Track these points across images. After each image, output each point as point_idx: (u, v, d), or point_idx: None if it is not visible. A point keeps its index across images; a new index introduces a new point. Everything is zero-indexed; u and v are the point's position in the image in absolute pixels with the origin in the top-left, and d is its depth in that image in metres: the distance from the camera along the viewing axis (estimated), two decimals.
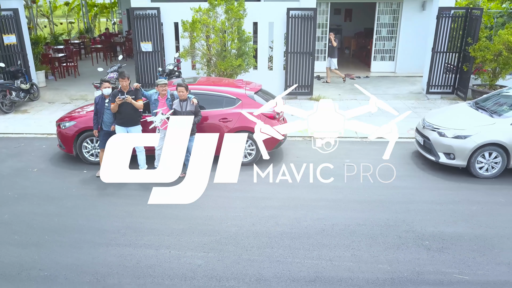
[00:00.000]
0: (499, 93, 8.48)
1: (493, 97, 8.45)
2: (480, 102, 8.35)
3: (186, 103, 7.07)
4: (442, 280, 4.71)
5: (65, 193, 6.86)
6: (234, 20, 10.61)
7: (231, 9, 10.47)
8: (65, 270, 4.88)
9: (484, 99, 8.44)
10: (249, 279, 4.71)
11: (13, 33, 12.03)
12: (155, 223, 5.88)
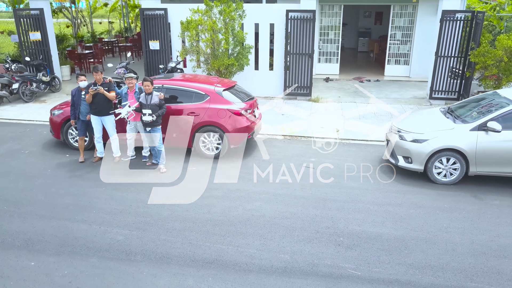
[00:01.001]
0: (477, 99, 8.26)
1: (472, 102, 8.25)
2: (454, 107, 8.18)
3: (151, 96, 7.60)
4: (333, 273, 4.85)
5: (41, 172, 7.65)
6: (228, 21, 11.04)
7: (224, 10, 10.91)
8: (5, 235, 5.57)
9: (460, 105, 8.26)
10: (154, 256, 5.14)
11: (38, 30, 13.26)
12: (102, 203, 6.46)
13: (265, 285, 4.64)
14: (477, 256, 5.18)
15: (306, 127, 10.13)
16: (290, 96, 12.94)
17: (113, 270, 4.88)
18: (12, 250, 5.27)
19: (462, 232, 5.71)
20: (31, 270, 4.87)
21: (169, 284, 4.65)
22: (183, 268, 4.92)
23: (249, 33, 12.63)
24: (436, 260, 5.10)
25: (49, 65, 13.55)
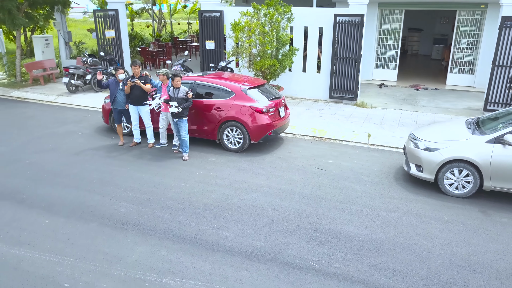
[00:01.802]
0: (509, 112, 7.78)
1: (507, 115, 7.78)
2: (483, 118, 7.79)
3: (178, 90, 8.36)
4: (293, 262, 5.11)
5: (83, 151, 8.81)
6: (272, 24, 11.50)
7: (269, 13, 11.39)
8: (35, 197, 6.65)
9: (491, 116, 7.84)
10: (143, 228, 5.82)
11: (113, 29, 14.90)
12: (120, 181, 7.34)
13: (225, 263, 5.05)
14: (450, 267, 5.06)
15: (338, 130, 10.20)
16: (336, 99, 13.01)
17: (105, 234, 5.64)
18: (36, 209, 6.30)
19: (447, 244, 5.56)
20: (43, 226, 5.82)
21: (145, 251, 5.27)
22: (162, 240, 5.52)
23: (298, 36, 12.96)
24: (403, 265, 5.09)
25: (120, 60, 15.13)
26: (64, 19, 16.34)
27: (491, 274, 4.93)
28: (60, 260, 5.04)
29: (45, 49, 15.97)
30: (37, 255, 5.15)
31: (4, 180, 7.27)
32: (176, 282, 4.70)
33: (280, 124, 9.06)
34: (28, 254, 5.16)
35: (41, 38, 16.01)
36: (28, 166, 7.89)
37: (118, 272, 4.85)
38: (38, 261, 5.03)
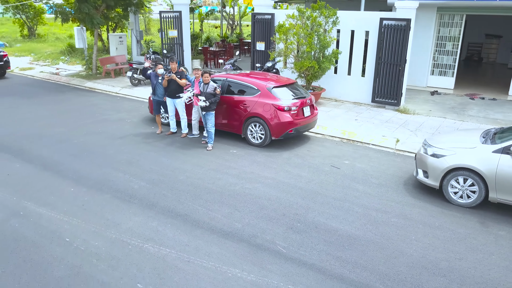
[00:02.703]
0: None
1: None
2: (504, 129, 7.49)
3: (207, 86, 9.12)
4: (263, 245, 5.52)
5: (124, 136, 9.93)
6: (314, 26, 11.83)
7: (311, 16, 11.73)
8: (69, 171, 7.80)
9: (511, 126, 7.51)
10: (145, 203, 6.60)
11: (175, 28, 16.21)
12: (145, 163, 8.25)
13: (202, 239, 5.63)
14: (414, 268, 5.14)
15: (368, 134, 10.24)
16: (379, 104, 12.92)
17: (113, 205, 6.52)
18: (67, 180, 7.41)
19: (424, 247, 5.59)
20: (68, 193, 6.87)
21: (139, 221, 6.04)
22: (157, 214, 6.25)
23: (344, 39, 13.09)
24: (367, 260, 5.26)
25: (181, 58, 16.39)
26: (137, 19, 18.05)
27: (454, 279, 4.93)
28: (70, 221, 5.99)
29: (118, 46, 17.80)
30: (54, 214, 6.16)
31: (51, 154, 8.56)
32: (154, 248, 5.38)
33: (303, 123, 9.39)
34: (48, 213, 6.20)
35: (115, 36, 17.88)
36: (74, 145, 9.15)
37: (111, 235, 5.66)
38: (53, 219, 6.03)
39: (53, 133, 9.90)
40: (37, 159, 8.26)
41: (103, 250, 5.29)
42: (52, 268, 4.93)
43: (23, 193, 6.80)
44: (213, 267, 5.03)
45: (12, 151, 8.69)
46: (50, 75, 17.27)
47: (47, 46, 24.28)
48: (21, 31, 27.20)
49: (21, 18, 26.13)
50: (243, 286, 4.71)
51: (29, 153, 8.56)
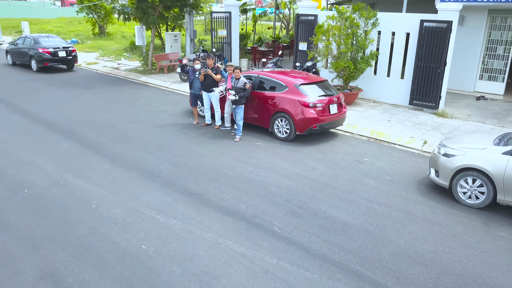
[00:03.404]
0: None
1: None
2: None
3: (238, 81, 9.77)
4: (261, 224, 6.01)
5: (163, 125, 10.85)
6: (352, 28, 12.06)
7: (349, 17, 11.98)
8: (109, 152, 8.79)
9: None
10: (166, 181, 7.35)
11: (225, 28, 17.08)
12: (175, 149, 9.04)
13: (208, 214, 6.24)
14: (398, 256, 5.38)
15: (397, 134, 10.31)
16: (417, 107, 12.83)
17: (138, 181, 7.34)
18: (105, 159, 8.38)
19: (415, 239, 5.79)
20: (103, 170, 7.82)
21: (157, 196, 6.79)
22: (174, 192, 6.97)
23: (385, 41, 13.14)
24: (355, 245, 5.57)
25: (229, 56, 17.23)
26: (192, 20, 19.17)
27: (434, 269, 5.11)
28: (99, 192, 6.89)
29: (173, 44, 19.04)
30: (87, 186, 7.10)
31: (96, 137, 9.64)
32: (164, 219, 6.08)
33: (328, 120, 9.71)
34: (82, 184, 7.15)
35: (171, 35, 19.14)
36: (118, 130, 10.20)
37: (130, 205, 6.46)
38: (85, 189, 6.96)
39: (102, 120, 11.05)
40: (83, 140, 9.36)
41: (120, 217, 6.09)
42: (76, 227, 5.79)
43: (66, 167, 7.84)
44: (211, 238, 5.62)
45: (65, 132, 9.89)
46: (111, 70, 18.89)
47: (113, 44, 26.37)
48: (92, 29, 29.72)
49: (93, 18, 28.57)
50: (231, 255, 5.25)
51: (78, 135, 9.71)
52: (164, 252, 5.26)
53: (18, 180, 7.20)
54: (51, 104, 12.52)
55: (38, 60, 17.33)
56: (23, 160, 8.09)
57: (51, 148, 8.81)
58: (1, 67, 19.00)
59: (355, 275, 4.95)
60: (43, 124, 10.53)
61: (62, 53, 17.63)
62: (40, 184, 7.09)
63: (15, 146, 8.88)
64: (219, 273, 4.90)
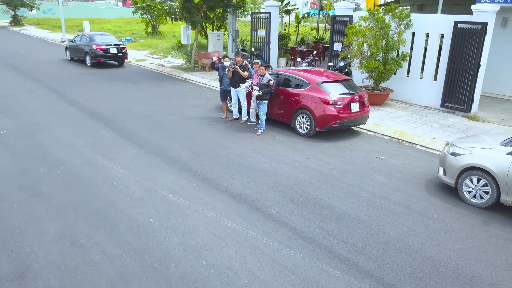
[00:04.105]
0: None
1: None
2: None
3: (262, 77, 10.28)
4: (260, 207, 6.45)
5: (194, 117, 11.57)
6: (382, 28, 12.17)
7: (380, 18, 12.10)
8: (137, 137, 9.63)
9: None
10: (185, 167, 7.98)
11: (264, 28, 17.64)
12: (198, 138, 9.68)
13: (214, 196, 6.79)
14: (384, 244, 5.63)
15: (420, 135, 10.35)
16: (449, 109, 12.68)
17: (159, 165, 8.04)
18: (134, 145, 9.19)
19: (406, 231, 5.99)
20: (131, 154, 8.61)
21: (173, 178, 7.45)
22: (190, 176, 7.59)
23: (419, 42, 13.08)
24: (345, 232, 5.87)
25: (267, 56, 17.77)
26: (235, 20, 19.91)
27: (415, 258, 5.33)
28: (123, 172, 7.66)
29: (216, 43, 19.87)
30: (114, 166, 7.90)
31: (130, 126, 10.53)
32: (174, 198, 6.72)
33: (348, 118, 9.96)
34: (110, 165, 7.97)
35: (213, 34, 19.99)
36: (152, 121, 11.05)
37: (148, 185, 7.16)
38: (112, 169, 7.77)
39: (139, 111, 11.98)
40: (119, 128, 10.28)
41: (136, 194, 6.80)
42: (96, 200, 6.56)
43: (99, 150, 8.73)
44: (212, 217, 6.17)
45: (104, 120, 10.88)
46: (157, 66, 20.07)
47: (163, 42, 27.78)
48: (146, 29, 31.43)
49: (147, 18, 30.23)
50: (227, 232, 5.77)
51: (115, 123, 10.65)
52: (168, 226, 5.87)
53: (57, 159, 8.15)
54: (97, 96, 13.69)
55: (91, 56, 18.81)
56: (64, 143, 9.09)
57: (89, 133, 9.79)
58: (61, 62, 20.78)
59: (337, 257, 5.28)
60: (86, 112, 11.62)
61: (113, 50, 19.00)
62: (74, 163, 7.99)
63: (60, 130, 9.95)
64: (212, 245, 5.43)
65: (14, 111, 11.51)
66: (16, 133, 9.59)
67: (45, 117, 10.98)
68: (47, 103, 12.43)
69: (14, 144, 8.90)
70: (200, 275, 4.84)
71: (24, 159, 8.07)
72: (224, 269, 4.96)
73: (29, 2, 39.96)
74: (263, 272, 4.92)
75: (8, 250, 5.17)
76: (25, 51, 23.95)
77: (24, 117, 10.95)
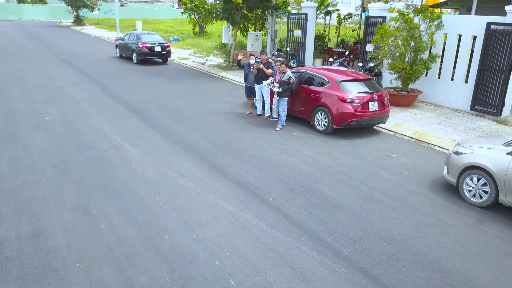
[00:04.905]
0: None
1: None
2: None
3: (283, 75, 10.71)
4: (258, 193, 6.89)
5: (220, 112, 12.18)
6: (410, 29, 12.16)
7: (408, 19, 12.11)
8: (154, 121, 10.39)
9: None
10: (200, 155, 8.58)
11: (300, 29, 17.99)
12: (221, 131, 10.26)
13: (218, 181, 7.33)
14: (367, 232, 5.88)
15: (440, 137, 10.31)
16: (479, 113, 12.43)
17: (176, 152, 8.70)
18: (158, 134, 9.93)
19: (394, 223, 6.18)
20: (152, 142, 9.36)
21: (186, 164, 8.06)
22: (201, 163, 8.17)
23: (451, 44, 12.91)
24: (333, 220, 6.16)
25: (302, 56, 18.11)
26: (274, 20, 20.39)
27: (395, 246, 5.56)
28: (142, 157, 8.39)
29: (254, 42, 20.47)
30: (135, 152, 8.66)
31: (159, 117, 11.32)
32: (183, 181, 7.33)
33: (366, 116, 10.14)
34: (132, 150, 8.75)
35: (252, 34, 20.59)
36: (180, 114, 11.79)
37: (162, 169, 7.83)
38: (133, 154, 8.53)
39: (172, 104, 12.80)
40: (148, 119, 11.11)
41: (150, 176, 7.48)
42: (114, 179, 7.31)
43: (126, 137, 9.56)
44: (212, 199, 6.71)
45: (137, 112, 11.78)
46: (198, 65, 21.00)
47: (208, 42, 28.83)
48: (193, 29, 32.72)
49: (195, 18, 31.47)
50: (222, 213, 6.28)
51: (146, 115, 11.51)
52: (170, 204, 6.48)
53: (88, 143, 9.06)
54: (136, 90, 14.71)
55: (137, 53, 20.07)
56: (97, 129, 10.02)
57: (121, 122, 10.68)
58: (111, 59, 22.29)
59: (318, 240, 5.63)
60: (123, 104, 12.60)
61: (157, 48, 20.15)
62: (102, 147, 8.85)
63: (96, 119, 10.93)
64: (205, 223, 5.96)
65: (60, 100, 12.71)
66: (58, 120, 10.67)
67: (85, 107, 12.05)
68: (90, 95, 13.58)
69: (55, 129, 9.95)
70: (188, 246, 5.38)
71: (60, 142, 9.04)
72: (211, 243, 5.47)
73: (90, 3, 42.79)
74: (245, 248, 5.37)
75: (31, 215, 5.99)
76: (81, 49, 25.86)
77: (68, 106, 12.09)
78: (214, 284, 4.67)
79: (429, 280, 4.91)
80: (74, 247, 5.26)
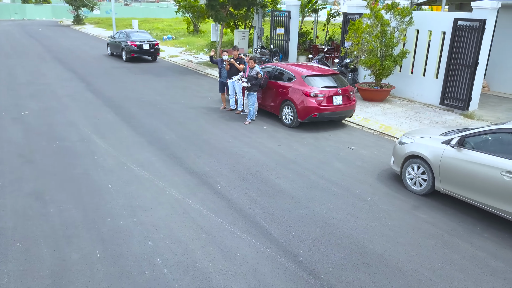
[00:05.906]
0: None
1: None
2: None
3: (252, 70, 11.04)
4: (208, 182, 7.24)
5: (195, 107, 12.56)
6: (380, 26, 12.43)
7: (378, 16, 12.37)
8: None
9: None
10: (162, 147, 8.95)
11: (283, 26, 18.29)
12: (191, 124, 10.62)
13: (174, 172, 7.65)
14: (303, 217, 6.18)
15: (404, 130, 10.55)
16: (448, 107, 12.67)
17: (140, 144, 9.06)
18: (129, 127, 10.30)
19: (330, 208, 6.47)
20: (120, 134, 9.72)
21: (147, 155, 8.42)
22: (162, 154, 8.50)
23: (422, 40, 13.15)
24: (271, 205, 6.48)
25: (285, 53, 18.41)
26: (260, 18, 20.70)
27: (324, 229, 5.85)
28: (106, 148, 8.76)
29: (241, 40, 20.81)
30: (102, 144, 9.03)
31: (134, 112, 11.70)
32: (139, 170, 7.68)
33: (329, 110, 10.44)
34: (99, 142, 9.09)
35: (239, 32, 20.93)
36: (157, 108, 12.17)
37: (122, 159, 8.17)
38: (99, 146, 8.90)
39: (150, 100, 13.18)
40: (123, 113, 11.50)
41: (109, 166, 7.86)
42: (74, 168, 7.69)
43: (96, 130, 9.95)
44: (162, 186, 7.07)
45: (114, 106, 12.18)
46: (186, 62, 21.38)
47: (201, 40, 29.19)
48: (187, 27, 33.11)
49: (188, 17, 31.84)
50: (167, 199, 6.63)
51: (123, 109, 11.90)
52: (121, 191, 6.85)
53: (58, 135, 9.45)
54: (119, 86, 15.12)
55: (126, 51, 20.49)
56: (70, 123, 10.42)
57: (95, 116, 11.08)
58: (102, 56, 22.75)
59: (252, 224, 5.96)
60: (102, 99, 13.01)
61: (146, 46, 20.56)
62: (71, 139, 9.24)
63: (72, 113, 11.34)
64: (149, 208, 6.32)
65: (43, 96, 13.14)
66: (36, 114, 11.09)
67: (65, 102, 12.48)
68: (72, 91, 14.01)
69: (30, 122, 10.37)
70: (126, 228, 5.74)
71: (32, 134, 9.46)
72: (149, 225, 5.83)
73: (89, 2, 43.36)
74: (180, 231, 5.73)
75: None
76: (76, 47, 26.36)
77: (49, 101, 12.52)
78: (141, 262, 5.03)
79: (347, 259, 5.22)
80: (19, 228, 5.64)
